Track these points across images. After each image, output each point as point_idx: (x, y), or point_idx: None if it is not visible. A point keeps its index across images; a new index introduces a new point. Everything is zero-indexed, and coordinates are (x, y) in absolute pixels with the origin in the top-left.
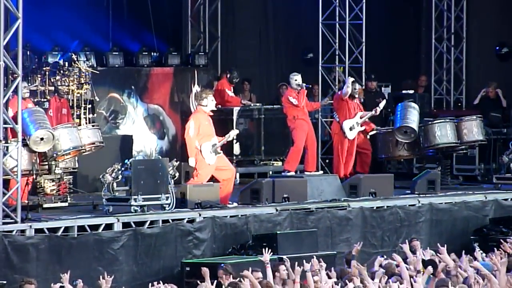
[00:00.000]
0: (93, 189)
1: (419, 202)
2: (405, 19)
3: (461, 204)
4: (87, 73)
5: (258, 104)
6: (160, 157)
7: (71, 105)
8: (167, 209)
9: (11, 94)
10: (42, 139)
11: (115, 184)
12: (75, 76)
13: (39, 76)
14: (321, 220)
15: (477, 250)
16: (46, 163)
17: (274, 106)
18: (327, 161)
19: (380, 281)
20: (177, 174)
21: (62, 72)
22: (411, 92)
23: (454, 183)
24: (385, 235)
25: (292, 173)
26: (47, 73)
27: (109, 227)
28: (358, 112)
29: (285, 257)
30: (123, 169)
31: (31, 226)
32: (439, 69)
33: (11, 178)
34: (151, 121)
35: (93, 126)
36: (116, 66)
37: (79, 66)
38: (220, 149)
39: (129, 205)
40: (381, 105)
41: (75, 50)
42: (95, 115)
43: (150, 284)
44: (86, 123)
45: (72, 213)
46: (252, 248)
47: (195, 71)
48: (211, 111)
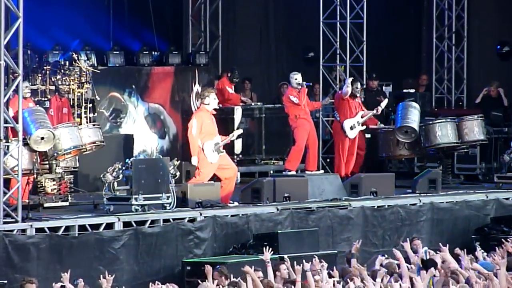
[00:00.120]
0: (94, 188)
1: (420, 201)
2: (406, 18)
3: (462, 203)
4: (87, 72)
5: (259, 103)
6: (161, 157)
7: (71, 104)
8: (168, 208)
9: (11, 93)
10: (42, 138)
11: (116, 183)
12: (75, 75)
13: (40, 75)
14: (322, 219)
15: (478, 249)
16: (46, 162)
17: (275, 105)
18: (328, 160)
19: (382, 281)
20: (178, 173)
21: (62, 71)
22: (412, 91)
23: (455, 182)
24: (386, 234)
25: (293, 172)
26: (47, 72)
27: (110, 226)
28: (359, 111)
29: (286, 256)
30: (124, 168)
31: (31, 225)
32: (440, 68)
33: (12, 177)
34: (152, 120)
35: (93, 125)
36: (116, 65)
37: (80, 65)
38: (222, 148)
39: (130, 204)
40: (382, 105)
41: (75, 49)
42: (96, 115)
43: (150, 283)
44: (87, 122)
45: (73, 212)
46: (253, 247)
47: (196, 70)
48: (214, 110)
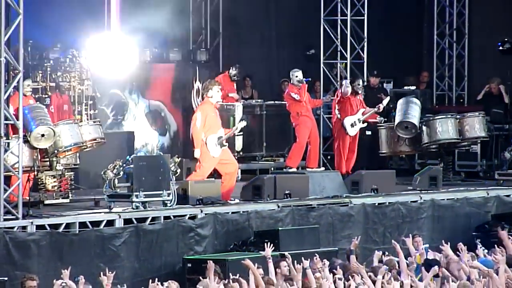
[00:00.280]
0: (94, 185)
1: (421, 198)
2: (407, 15)
3: (463, 200)
4: (88, 69)
5: (260, 100)
6: (161, 153)
7: (72, 101)
8: (168, 205)
9: (12, 90)
10: (43, 135)
11: (116, 180)
12: (76, 72)
13: (40, 72)
14: (322, 216)
15: (479, 246)
16: (47, 159)
17: (275, 102)
18: (329, 157)
19: (383, 277)
20: (179, 170)
21: (63, 68)
22: (413, 88)
23: (456, 179)
24: (387, 231)
25: (294, 170)
26: (48, 69)
27: (110, 223)
28: (360, 108)
29: (286, 253)
30: (124, 165)
31: (32, 222)
32: (441, 65)
33: (12, 174)
34: (152, 117)
35: (94, 122)
36: None
37: (80, 62)
38: (225, 141)
39: (130, 201)
40: (384, 102)
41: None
42: (97, 111)
43: (151, 280)
44: (87, 119)
45: (73, 209)
46: (253, 244)
47: (197, 67)
48: (218, 103)
